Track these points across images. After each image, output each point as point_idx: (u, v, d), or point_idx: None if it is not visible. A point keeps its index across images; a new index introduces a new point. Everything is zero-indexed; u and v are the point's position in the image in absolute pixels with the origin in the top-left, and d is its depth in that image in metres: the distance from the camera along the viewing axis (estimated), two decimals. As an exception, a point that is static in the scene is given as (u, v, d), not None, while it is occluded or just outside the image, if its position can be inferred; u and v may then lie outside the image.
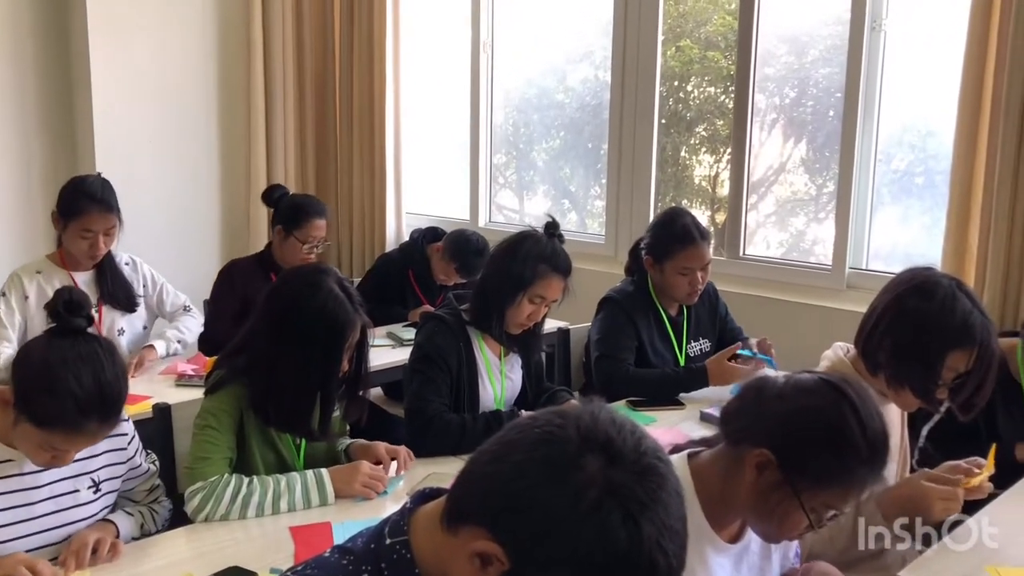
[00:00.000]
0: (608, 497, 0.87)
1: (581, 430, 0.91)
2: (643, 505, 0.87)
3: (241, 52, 4.79)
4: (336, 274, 2.14)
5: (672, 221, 2.97)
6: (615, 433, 0.91)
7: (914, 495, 1.83)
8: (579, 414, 0.94)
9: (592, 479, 0.87)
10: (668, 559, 0.88)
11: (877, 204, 3.51)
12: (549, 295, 2.48)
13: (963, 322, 1.84)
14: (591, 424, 0.92)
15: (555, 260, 2.46)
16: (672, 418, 2.68)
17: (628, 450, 0.90)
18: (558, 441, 0.91)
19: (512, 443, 0.94)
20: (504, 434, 0.96)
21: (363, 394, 2.22)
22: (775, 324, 3.37)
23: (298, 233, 3.35)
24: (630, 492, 0.87)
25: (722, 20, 4.16)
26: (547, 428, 0.93)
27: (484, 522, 0.92)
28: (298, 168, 4.95)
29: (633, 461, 0.90)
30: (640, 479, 0.89)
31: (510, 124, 4.95)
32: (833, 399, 1.39)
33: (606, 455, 0.89)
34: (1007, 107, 2.74)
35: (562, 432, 0.92)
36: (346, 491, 2.08)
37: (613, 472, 0.88)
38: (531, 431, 0.93)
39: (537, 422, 0.95)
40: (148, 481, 2.07)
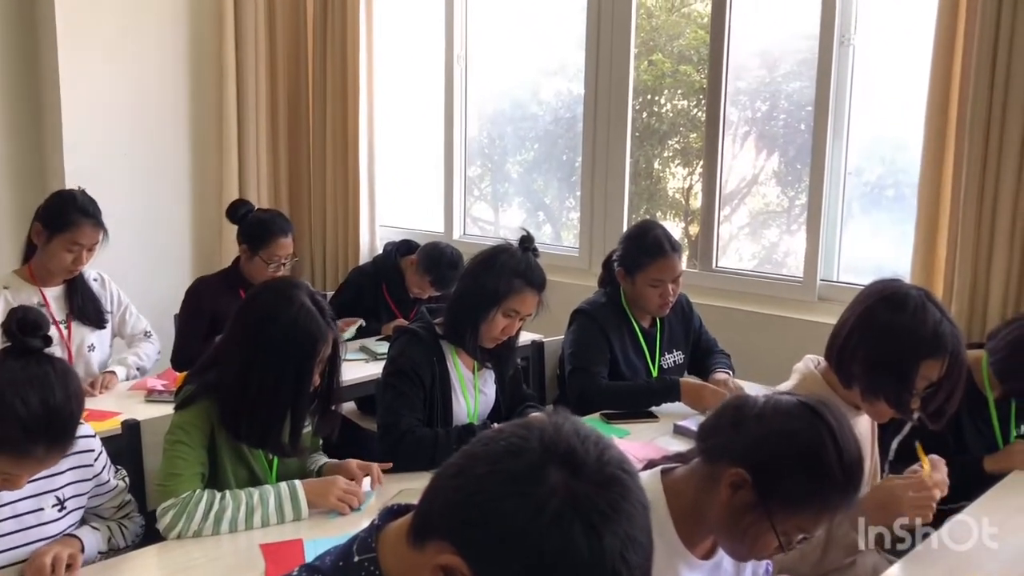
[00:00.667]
0: (570, 508, 0.86)
1: (544, 442, 0.91)
2: (605, 516, 0.87)
3: (213, 64, 4.77)
4: (308, 288, 2.13)
5: (644, 234, 2.98)
6: (578, 444, 0.91)
7: (885, 499, 1.84)
8: (543, 426, 0.94)
9: (554, 490, 0.87)
10: (631, 570, 0.87)
11: (848, 216, 3.55)
12: (523, 309, 2.47)
13: (934, 332, 1.86)
14: (554, 435, 0.92)
15: (529, 274, 2.46)
16: (646, 431, 2.68)
17: (591, 461, 0.90)
18: (521, 453, 0.91)
19: (476, 456, 0.93)
20: (469, 448, 0.95)
21: (335, 409, 2.21)
22: (748, 336, 3.39)
23: (263, 253, 3.33)
24: (592, 503, 0.87)
25: (694, 34, 4.20)
26: (511, 440, 0.93)
27: (448, 536, 0.92)
28: (270, 181, 4.92)
29: (596, 472, 0.89)
30: (603, 490, 0.88)
31: (484, 136, 4.96)
32: (811, 423, 1.39)
33: (569, 466, 0.89)
34: (972, 121, 2.78)
35: (525, 444, 0.91)
36: (320, 503, 2.07)
37: (575, 483, 0.88)
38: (495, 444, 0.93)
39: (501, 435, 0.95)
40: (117, 497, 2.04)
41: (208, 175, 4.85)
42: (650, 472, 1.56)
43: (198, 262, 4.79)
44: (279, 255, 3.35)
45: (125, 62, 4.46)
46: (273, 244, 3.33)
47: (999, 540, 1.96)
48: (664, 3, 4.76)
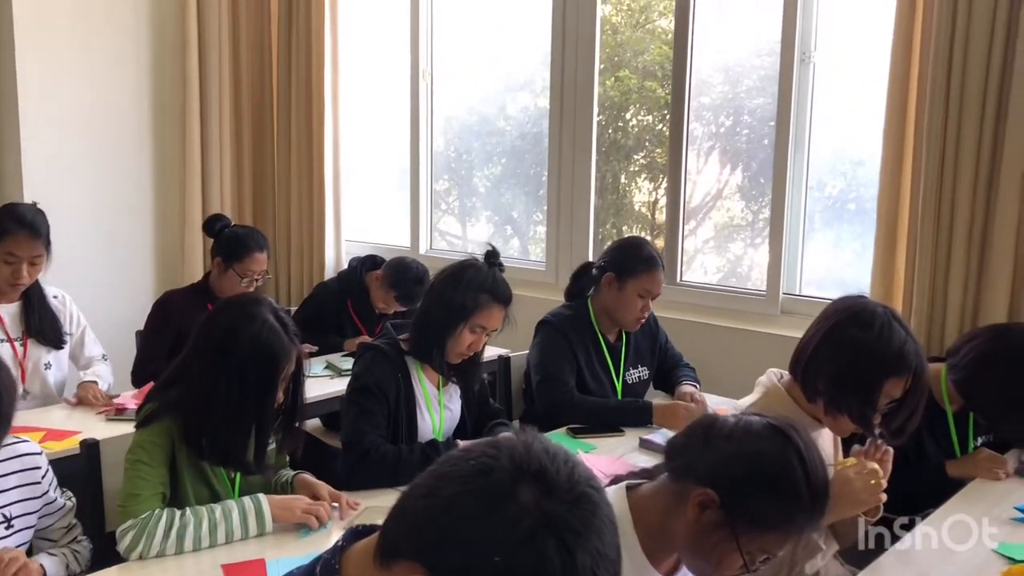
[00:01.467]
0: (542, 527, 0.86)
1: (515, 460, 0.91)
2: (577, 534, 0.87)
3: (176, 78, 4.73)
4: (271, 304, 2.11)
5: (640, 245, 3.04)
6: (549, 462, 0.91)
7: (838, 488, 1.83)
8: (512, 444, 0.94)
9: (526, 509, 0.87)
10: None
11: (811, 230, 3.60)
12: (490, 325, 2.47)
13: (899, 350, 1.89)
14: (524, 454, 0.92)
15: (496, 290, 2.46)
16: (612, 445, 2.69)
17: (562, 479, 0.90)
18: (491, 472, 0.90)
19: (445, 476, 0.93)
20: (437, 467, 0.95)
21: (299, 426, 2.19)
22: (712, 349, 3.42)
23: (238, 267, 3.31)
24: (564, 521, 0.87)
25: (659, 50, 4.24)
26: (480, 460, 0.92)
27: (417, 557, 0.91)
28: (234, 196, 4.88)
29: (567, 490, 0.89)
30: (574, 508, 0.89)
31: (451, 151, 4.97)
32: (781, 445, 1.40)
33: (540, 485, 0.89)
34: (929, 136, 2.83)
35: (495, 463, 0.91)
36: (286, 518, 2.05)
37: (547, 502, 0.88)
38: (464, 463, 0.93)
39: (471, 454, 0.94)
40: (64, 518, 2.01)
41: (171, 190, 4.80)
42: (616, 488, 1.56)
43: (160, 279, 4.73)
44: (253, 270, 3.34)
45: (85, 75, 4.42)
46: (248, 259, 3.32)
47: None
48: (629, 19, 4.81)
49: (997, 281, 2.77)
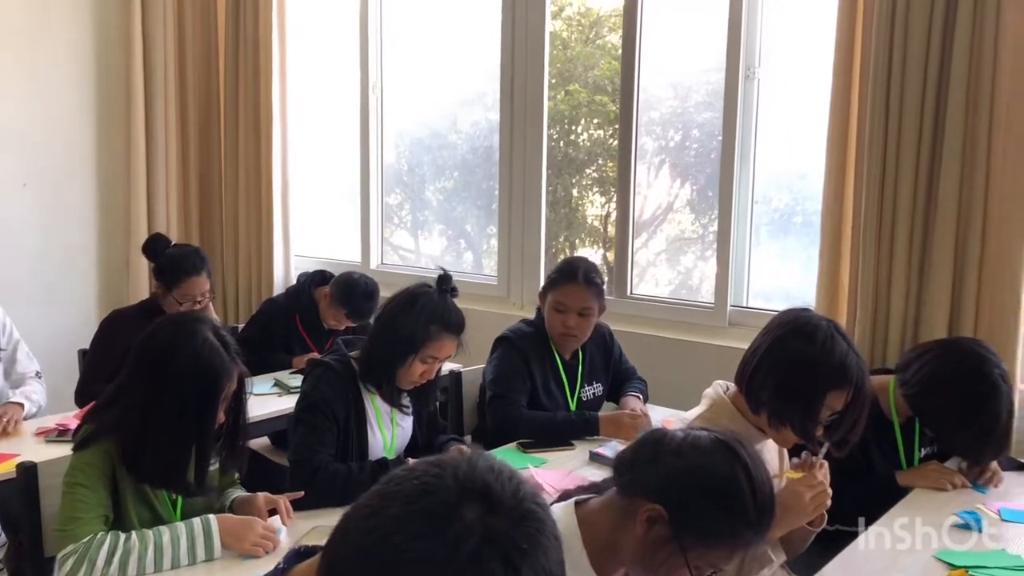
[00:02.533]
0: (487, 545, 0.86)
1: (459, 479, 0.90)
2: (523, 551, 0.87)
3: (120, 91, 4.65)
4: (212, 322, 2.08)
5: (566, 261, 3.07)
6: (493, 480, 0.91)
7: (786, 499, 1.87)
8: (457, 463, 0.93)
9: (471, 528, 0.86)
10: None
11: (757, 243, 3.65)
12: (442, 355, 2.45)
13: (841, 363, 1.91)
14: (469, 472, 0.91)
15: (447, 320, 2.43)
16: (562, 459, 2.69)
17: (507, 497, 0.90)
18: (436, 492, 0.90)
19: (389, 496, 0.91)
20: (380, 487, 0.93)
21: (242, 446, 2.16)
22: (662, 361, 3.44)
23: (177, 292, 3.25)
24: (509, 539, 0.87)
25: (609, 65, 4.28)
26: (424, 479, 0.91)
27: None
28: (181, 211, 4.81)
29: (512, 507, 0.89)
30: (519, 525, 0.88)
31: (403, 164, 4.95)
32: (728, 461, 1.41)
33: (485, 503, 0.89)
34: (870, 151, 2.89)
35: (440, 482, 0.90)
36: (235, 546, 2.01)
37: (492, 520, 0.88)
38: (408, 483, 0.92)
39: (414, 473, 0.93)
40: None
41: (115, 206, 4.72)
42: (564, 504, 1.56)
43: (105, 298, 4.63)
44: (192, 294, 3.27)
45: (24, 85, 4.32)
46: (186, 283, 3.25)
47: (901, 555, 2.03)
48: (579, 35, 4.85)
49: (937, 294, 2.83)
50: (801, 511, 1.87)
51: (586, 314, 2.93)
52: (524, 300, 4.04)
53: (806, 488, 1.87)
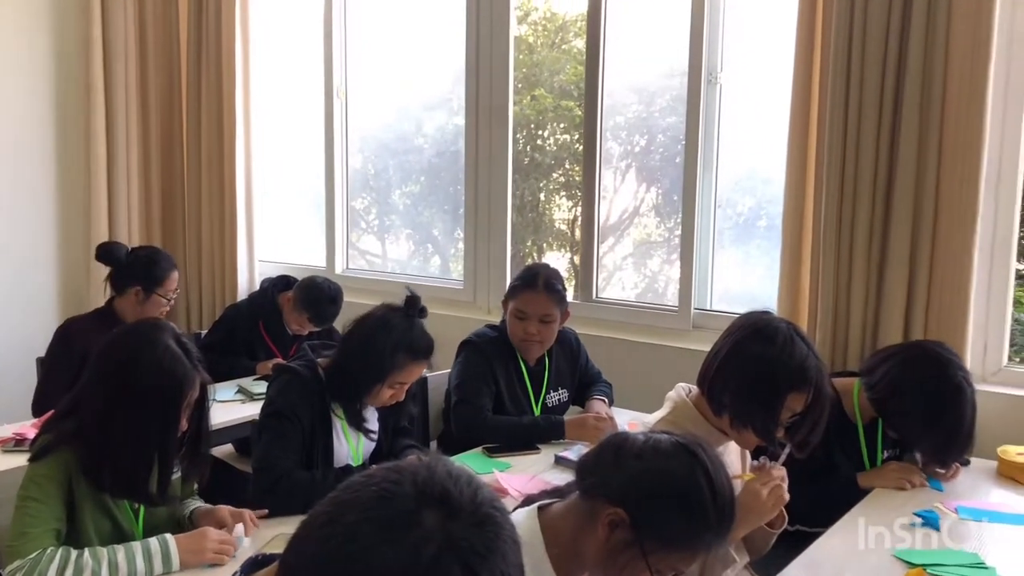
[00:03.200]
0: (447, 551, 0.86)
1: (418, 485, 0.90)
2: (482, 557, 0.87)
3: (80, 98, 4.59)
4: (173, 330, 2.05)
5: (528, 268, 3.06)
6: (452, 486, 0.91)
7: (746, 499, 1.88)
8: (415, 469, 0.93)
9: (431, 534, 0.86)
10: None
11: (723, 247, 3.68)
12: (410, 380, 2.44)
13: (801, 365, 1.93)
14: (428, 478, 0.91)
15: (415, 348, 2.40)
16: (527, 463, 2.69)
17: (465, 502, 0.90)
18: (394, 498, 0.89)
19: (346, 503, 0.91)
20: (338, 494, 0.93)
21: (204, 454, 2.13)
22: (627, 365, 3.46)
23: (160, 290, 3.25)
24: (469, 544, 0.87)
25: (574, 70, 4.30)
26: (383, 486, 0.91)
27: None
28: (143, 215, 4.75)
29: (471, 512, 0.89)
30: (478, 530, 0.88)
31: (370, 169, 4.93)
32: (688, 464, 1.42)
33: (444, 508, 0.89)
34: (829, 156, 2.93)
35: (398, 488, 0.90)
36: (194, 561, 1.98)
37: (452, 525, 0.88)
38: (366, 490, 0.91)
39: (372, 480, 0.92)
40: None
41: (75, 211, 4.65)
42: (527, 509, 1.56)
43: (65, 305, 4.57)
44: (172, 289, 3.30)
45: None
46: (168, 278, 3.28)
47: (861, 554, 2.05)
48: (545, 39, 4.87)
49: (894, 297, 2.87)
50: (760, 509, 1.88)
51: (547, 321, 2.94)
52: (491, 305, 4.05)
53: (762, 486, 1.89)
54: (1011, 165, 2.87)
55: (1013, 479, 2.54)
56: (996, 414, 2.75)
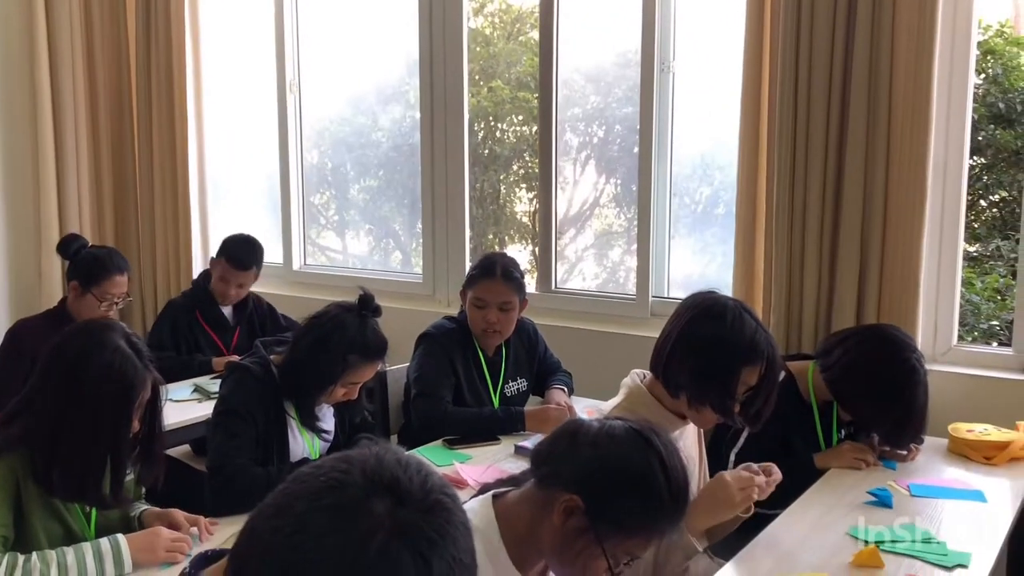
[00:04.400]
0: (396, 539, 0.85)
1: (367, 473, 0.89)
2: (432, 543, 0.86)
3: (25, 94, 4.50)
4: (123, 329, 2.02)
5: (485, 257, 3.07)
6: (401, 473, 0.90)
7: (716, 491, 1.93)
8: (364, 457, 0.92)
9: (380, 522, 0.86)
10: None
11: (680, 235, 3.70)
12: (363, 379, 2.43)
13: (751, 339, 1.96)
14: (376, 466, 0.90)
15: (366, 349, 2.39)
16: (487, 454, 2.69)
17: (415, 489, 0.89)
18: (343, 487, 0.88)
19: (295, 494, 0.90)
20: (287, 485, 0.92)
21: (158, 455, 2.09)
22: (586, 354, 3.47)
23: (96, 290, 3.17)
24: (418, 531, 0.86)
25: (531, 61, 4.30)
26: (331, 475, 0.90)
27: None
28: (94, 215, 4.66)
29: (421, 499, 0.89)
30: (428, 516, 0.88)
31: (327, 164, 4.89)
32: (642, 451, 1.43)
33: (394, 496, 0.88)
34: (780, 141, 2.96)
35: (347, 478, 0.89)
36: (147, 560, 1.95)
37: (401, 512, 0.87)
38: (315, 480, 0.90)
39: (321, 470, 0.91)
40: None
41: (24, 213, 4.56)
42: (482, 498, 1.56)
43: (16, 306, 4.48)
44: (113, 293, 3.20)
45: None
46: (107, 281, 3.18)
47: (816, 533, 2.08)
48: (502, 31, 4.86)
49: (846, 281, 2.92)
50: (729, 503, 1.91)
51: (507, 309, 2.94)
52: (450, 298, 4.03)
53: (735, 480, 1.91)
54: (956, 149, 2.93)
55: (963, 456, 2.59)
56: (946, 393, 2.81)
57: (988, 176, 4.61)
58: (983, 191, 4.66)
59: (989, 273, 4.48)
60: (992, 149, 4.47)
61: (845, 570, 1.88)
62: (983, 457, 2.55)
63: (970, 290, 4.25)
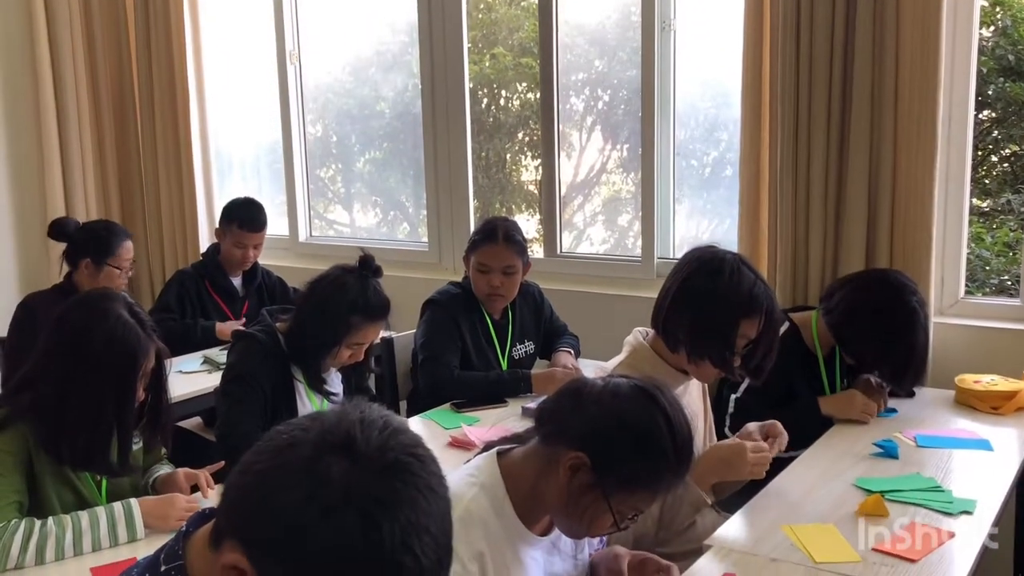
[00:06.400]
0: (343, 498, 0.84)
1: (322, 431, 0.89)
2: (383, 504, 0.84)
3: (26, 71, 4.50)
4: (125, 299, 2.04)
5: (486, 222, 3.06)
6: (358, 432, 0.88)
7: (730, 457, 1.94)
8: (325, 415, 0.92)
9: (328, 481, 0.85)
10: (417, 559, 0.84)
11: (689, 197, 3.67)
12: (367, 340, 2.45)
13: (749, 292, 1.96)
14: (334, 424, 0.89)
15: (368, 308, 2.40)
16: (495, 416, 2.70)
17: (371, 448, 0.87)
18: (299, 444, 0.88)
19: (259, 452, 0.91)
20: (259, 443, 0.93)
21: (165, 423, 2.12)
22: (592, 316, 3.47)
23: (113, 260, 3.23)
24: (367, 491, 0.85)
25: (533, 27, 4.25)
26: (292, 433, 0.90)
27: (235, 535, 0.90)
28: (99, 193, 4.67)
29: (375, 459, 0.87)
30: (381, 477, 0.86)
31: (332, 137, 4.87)
32: (646, 407, 1.44)
33: (346, 455, 0.86)
34: (783, 98, 2.93)
35: (304, 435, 0.89)
36: (160, 526, 1.98)
37: (353, 472, 0.86)
38: (280, 437, 0.91)
39: (288, 427, 0.92)
40: None
41: (30, 191, 4.59)
42: (486, 454, 1.58)
43: (24, 282, 4.51)
44: (127, 259, 3.29)
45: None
46: (120, 249, 3.26)
47: (824, 485, 2.08)
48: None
49: (853, 235, 2.90)
50: (740, 468, 1.93)
51: (510, 272, 2.94)
52: (456, 265, 4.04)
53: (753, 449, 1.93)
54: (961, 101, 2.89)
55: (970, 406, 2.59)
56: (953, 345, 2.80)
57: (998, 130, 4.55)
58: (993, 146, 4.60)
59: (999, 228, 4.44)
60: (1002, 103, 4.40)
61: (851, 519, 1.89)
62: (990, 407, 2.55)
63: (980, 245, 4.21)
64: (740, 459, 1.92)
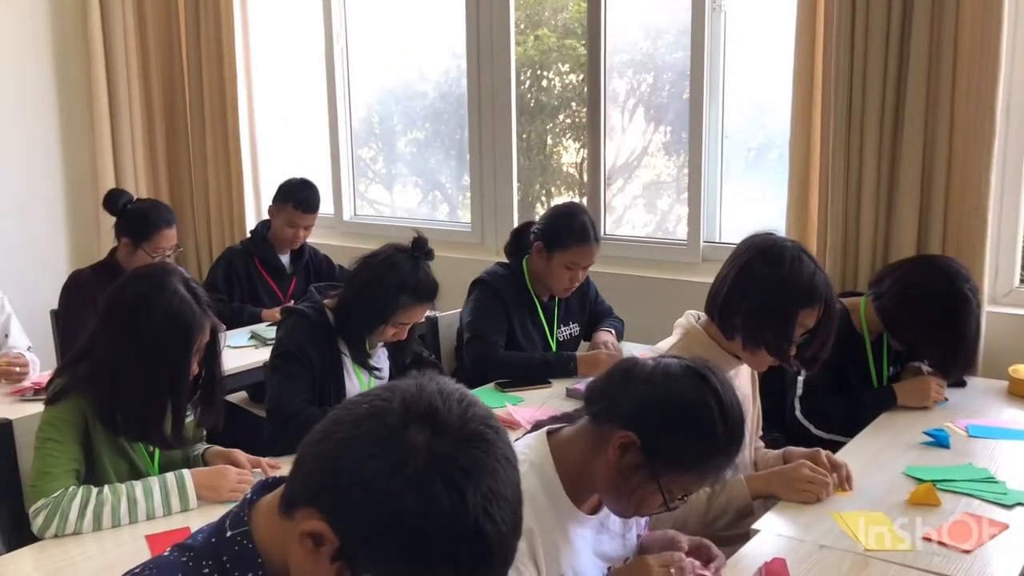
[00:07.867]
0: (429, 466, 0.86)
1: (406, 402, 0.91)
2: (467, 472, 0.87)
3: (79, 50, 4.56)
4: (182, 274, 2.05)
5: (573, 216, 2.99)
6: (440, 403, 0.91)
7: (786, 473, 1.95)
8: (406, 386, 0.93)
9: (415, 450, 0.87)
10: (497, 525, 0.87)
11: (734, 179, 3.63)
12: (412, 320, 2.47)
13: (809, 282, 1.93)
14: (416, 395, 0.92)
15: (418, 290, 2.41)
16: (539, 396, 2.71)
17: (453, 419, 0.90)
18: (382, 414, 0.90)
19: (339, 421, 0.93)
20: (335, 413, 0.95)
21: (218, 399, 2.14)
22: (638, 300, 3.46)
23: (147, 245, 3.20)
24: (453, 460, 0.87)
25: (578, 7, 4.22)
26: (374, 403, 0.92)
27: (313, 502, 0.91)
28: (148, 169, 4.74)
29: (458, 429, 0.89)
30: (464, 447, 0.88)
31: (375, 117, 4.89)
32: (698, 387, 1.43)
33: (430, 425, 0.89)
34: (836, 81, 2.88)
35: (387, 405, 0.91)
36: (211, 497, 2.01)
37: (437, 441, 0.88)
38: (358, 407, 0.93)
39: (366, 398, 0.94)
40: None
41: (81, 166, 4.66)
42: (536, 433, 1.58)
43: (75, 255, 4.60)
44: (163, 247, 3.23)
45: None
46: (157, 236, 3.20)
47: (873, 473, 2.06)
48: (547, -23, 4.77)
49: (905, 221, 2.85)
50: (794, 489, 1.92)
51: (588, 267, 2.98)
52: (499, 246, 4.02)
53: (812, 473, 1.93)
54: (1021, 87, 2.82)
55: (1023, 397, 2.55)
56: (1007, 335, 2.75)
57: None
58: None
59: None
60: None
61: (901, 508, 1.87)
62: (1045, 399, 2.51)
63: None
64: (798, 478, 1.92)
